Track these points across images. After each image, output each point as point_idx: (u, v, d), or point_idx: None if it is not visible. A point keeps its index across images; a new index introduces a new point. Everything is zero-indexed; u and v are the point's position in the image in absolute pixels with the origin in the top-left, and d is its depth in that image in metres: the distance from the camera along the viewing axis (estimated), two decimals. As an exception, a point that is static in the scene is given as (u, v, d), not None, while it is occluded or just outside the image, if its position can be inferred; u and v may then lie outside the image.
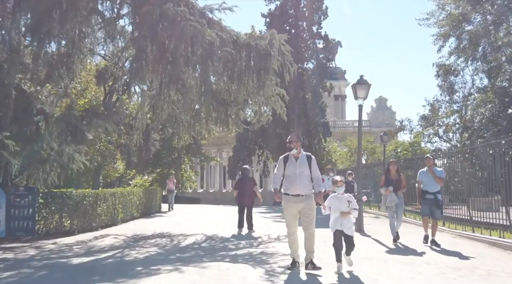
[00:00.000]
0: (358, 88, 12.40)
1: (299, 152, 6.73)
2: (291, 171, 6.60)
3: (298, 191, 6.56)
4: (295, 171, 6.58)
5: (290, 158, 6.72)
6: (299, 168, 6.60)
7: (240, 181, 12.60)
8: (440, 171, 9.76)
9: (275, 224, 14.64)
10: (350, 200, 6.78)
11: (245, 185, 12.18)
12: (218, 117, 12.73)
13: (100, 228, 12.86)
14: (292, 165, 6.65)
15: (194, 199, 44.95)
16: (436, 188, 9.47)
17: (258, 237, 11.20)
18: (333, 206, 6.73)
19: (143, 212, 17.51)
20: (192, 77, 11.80)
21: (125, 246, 9.69)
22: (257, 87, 12.47)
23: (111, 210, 13.76)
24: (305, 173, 6.60)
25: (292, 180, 6.58)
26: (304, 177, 6.60)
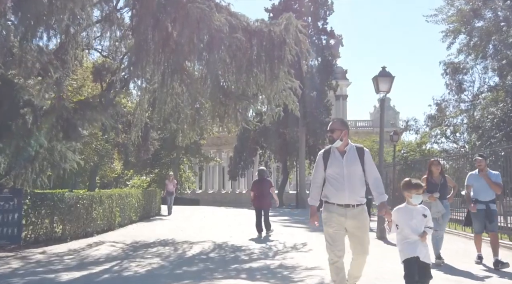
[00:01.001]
0: (380, 81, 11.26)
1: (345, 143, 4.76)
2: (335, 170, 4.70)
3: (347, 200, 4.65)
4: (342, 170, 4.67)
5: (333, 152, 4.76)
6: (347, 166, 4.67)
7: (257, 183, 11.96)
8: (495, 175, 7.78)
9: (286, 229, 13.48)
10: (425, 213, 4.59)
11: (262, 186, 11.67)
12: (225, 112, 11.54)
13: (96, 234, 11.65)
14: (337, 162, 4.71)
15: (193, 201, 43.71)
16: (489, 196, 7.60)
17: (271, 245, 10.03)
18: (402, 223, 4.58)
19: (142, 215, 16.31)
20: (198, 68, 10.64)
21: (123, 257, 8.50)
22: (270, 79, 11.34)
23: (107, 213, 12.56)
24: (357, 173, 4.70)
25: (337, 183, 4.68)
26: (356, 179, 4.70)
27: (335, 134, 4.76)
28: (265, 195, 11.57)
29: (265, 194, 11.57)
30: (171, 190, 19.72)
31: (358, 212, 4.72)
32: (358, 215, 4.73)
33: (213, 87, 10.79)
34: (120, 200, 13.70)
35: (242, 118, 11.84)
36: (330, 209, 4.75)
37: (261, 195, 11.56)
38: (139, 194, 16.07)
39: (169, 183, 19.93)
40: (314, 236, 11.64)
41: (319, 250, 9.37)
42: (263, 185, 11.70)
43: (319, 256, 8.59)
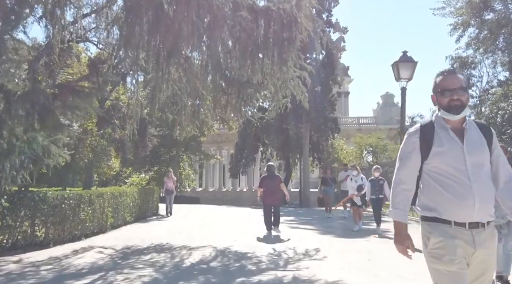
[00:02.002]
0: (401, 66, 10.01)
1: (462, 120, 2.71)
2: (449, 162, 2.65)
3: (475, 215, 2.59)
4: (463, 162, 2.62)
5: (442, 130, 2.71)
6: (471, 154, 2.64)
7: (266, 179, 11.42)
8: None
9: (293, 232, 12.20)
10: None
11: (271, 183, 11.24)
12: (228, 101, 10.27)
13: (84, 238, 10.39)
14: (452, 147, 2.66)
15: (193, 199, 42.49)
16: None
17: (281, 252, 8.78)
18: None
19: (138, 215, 15.03)
20: (197, 52, 9.38)
21: (110, 267, 7.24)
22: (278, 64, 10.08)
23: (98, 214, 11.30)
24: (485, 167, 2.68)
25: (456, 185, 2.61)
26: (485, 177, 2.66)
27: (464, 97, 2.67)
28: (274, 192, 11.19)
29: (274, 191, 11.19)
30: (171, 188, 17.82)
31: (489, 236, 2.67)
32: (489, 240, 2.66)
33: (214, 73, 9.55)
34: (112, 199, 12.44)
35: (246, 109, 10.57)
36: (447, 233, 2.62)
37: (270, 191, 11.15)
38: (134, 192, 14.80)
39: (168, 180, 18.15)
40: (326, 240, 10.42)
41: (335, 257, 8.13)
42: (272, 181, 11.27)
43: (337, 266, 7.36)
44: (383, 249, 9.11)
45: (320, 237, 11.14)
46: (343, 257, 8.15)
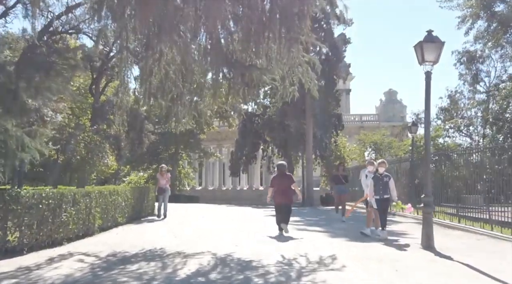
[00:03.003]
0: (425, 47, 8.69)
1: None
2: None
3: None
4: None
5: None
6: None
7: (277, 178, 10.91)
8: None
9: (302, 234, 10.89)
10: None
11: (282, 182, 10.71)
12: (230, 87, 8.96)
13: (66, 242, 9.08)
14: None
15: (193, 198, 41.18)
16: None
17: (291, 259, 7.48)
18: None
19: (131, 216, 13.70)
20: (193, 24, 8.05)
21: (87, 281, 5.95)
22: (286, 45, 8.79)
23: (83, 216, 9.99)
24: None
25: None
26: None
27: None
28: (286, 191, 10.66)
29: (286, 190, 10.66)
30: (164, 186, 15.26)
31: None
32: None
33: (214, 54, 8.23)
34: (101, 198, 11.13)
35: (252, 95, 9.27)
36: None
37: (282, 191, 10.64)
38: (127, 191, 13.46)
39: (161, 177, 15.45)
40: (339, 245, 9.15)
41: (355, 267, 6.82)
42: (283, 181, 10.73)
43: (361, 279, 6.08)
44: (407, 256, 7.83)
45: (332, 241, 9.85)
46: (364, 267, 6.86)
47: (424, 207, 8.82)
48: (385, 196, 9.80)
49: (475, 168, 13.26)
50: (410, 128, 22.23)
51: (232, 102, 9.54)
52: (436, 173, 16.13)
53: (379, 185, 9.79)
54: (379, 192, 9.79)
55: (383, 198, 9.82)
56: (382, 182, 9.78)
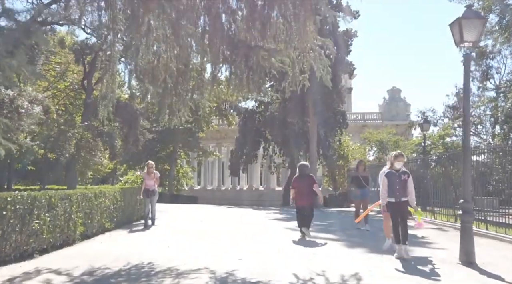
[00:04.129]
0: (465, 25, 7.24)
1: None
2: None
3: None
4: None
5: None
6: None
7: (299, 179, 10.38)
8: None
9: (315, 245, 9.45)
10: None
11: (304, 183, 10.19)
12: (231, 72, 7.51)
13: (38, 254, 7.66)
14: None
15: (191, 198, 39.80)
16: None
17: (307, 280, 6.04)
18: None
19: (121, 220, 12.26)
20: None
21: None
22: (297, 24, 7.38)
23: (62, 222, 8.55)
24: None
25: None
26: None
27: None
28: (308, 193, 10.18)
29: (308, 192, 10.17)
30: (152, 188, 12.51)
31: None
32: None
33: (212, 32, 6.79)
34: (84, 202, 9.70)
35: (256, 83, 7.81)
36: None
37: (303, 192, 10.17)
38: (116, 193, 12.00)
39: (148, 177, 12.58)
40: (360, 258, 7.70)
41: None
42: (305, 182, 10.21)
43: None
44: (449, 277, 6.36)
45: (350, 253, 8.40)
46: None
47: (462, 214, 7.37)
48: (403, 198, 7.48)
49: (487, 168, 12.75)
50: (422, 125, 20.78)
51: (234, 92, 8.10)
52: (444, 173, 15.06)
53: (395, 184, 7.44)
54: (395, 193, 7.44)
55: (400, 201, 7.48)
56: (399, 180, 7.43)
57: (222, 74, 7.73)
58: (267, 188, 46.76)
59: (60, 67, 27.51)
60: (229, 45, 7.16)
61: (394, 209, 7.56)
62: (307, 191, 10.16)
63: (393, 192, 7.48)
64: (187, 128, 38.12)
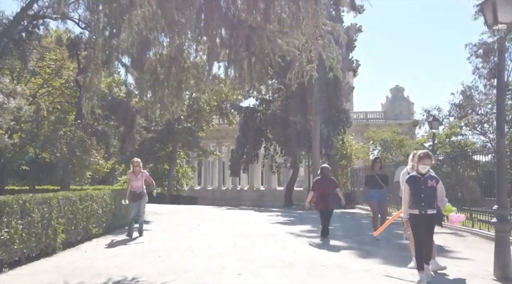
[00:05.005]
0: (499, 5, 6.20)
1: None
2: None
3: None
4: None
5: None
6: None
7: (320, 182, 9.95)
8: None
9: (322, 253, 8.37)
10: None
11: (326, 186, 9.83)
12: (231, 58, 6.46)
13: (8, 268, 6.62)
14: None
15: (191, 199, 38.72)
16: None
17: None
18: None
19: (111, 224, 11.20)
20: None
21: None
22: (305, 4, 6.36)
23: (39, 230, 7.51)
24: None
25: None
26: None
27: None
28: (329, 196, 9.87)
29: (329, 195, 9.87)
30: (139, 190, 10.32)
31: None
32: None
33: (208, 10, 5.75)
34: (67, 206, 8.66)
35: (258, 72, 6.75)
36: None
37: (325, 195, 9.80)
38: (106, 195, 10.93)
39: (134, 177, 10.36)
40: (378, 273, 6.63)
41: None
42: (327, 184, 9.84)
43: None
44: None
45: (364, 265, 7.29)
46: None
47: (497, 223, 6.31)
48: (430, 211, 5.79)
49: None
50: (431, 123, 19.70)
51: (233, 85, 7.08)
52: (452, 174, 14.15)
53: (420, 192, 5.77)
54: (419, 204, 5.77)
55: (426, 215, 5.78)
56: (425, 187, 5.80)
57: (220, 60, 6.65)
58: (268, 188, 45.72)
59: (55, 64, 26.48)
60: (228, 26, 6.11)
61: (417, 224, 5.88)
62: (329, 194, 9.88)
63: (417, 202, 5.82)
64: (186, 127, 37.14)
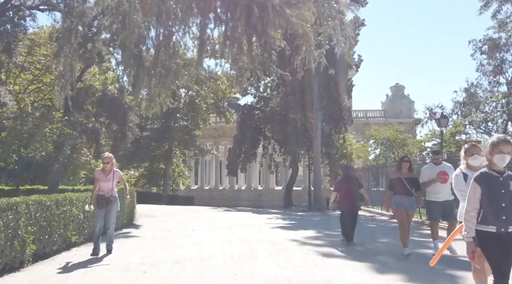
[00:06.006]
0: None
1: None
2: None
3: None
4: None
5: None
6: None
7: (344, 182, 9.70)
8: None
9: (333, 268, 7.19)
10: None
11: (350, 186, 9.50)
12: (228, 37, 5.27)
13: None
14: None
15: (187, 199, 37.58)
16: None
17: None
18: None
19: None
20: None
21: None
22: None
23: (1, 242, 6.32)
24: None
25: None
26: None
27: None
28: (353, 196, 9.48)
29: (353, 195, 9.48)
30: (108, 194, 8.09)
31: None
32: None
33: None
34: (39, 212, 7.46)
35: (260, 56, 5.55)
36: None
37: (349, 195, 9.39)
38: (88, 198, 9.69)
39: (103, 176, 8.14)
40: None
41: None
42: (351, 184, 9.52)
43: None
44: None
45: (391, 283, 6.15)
46: None
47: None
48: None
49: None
50: (439, 120, 18.55)
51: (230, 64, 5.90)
52: None
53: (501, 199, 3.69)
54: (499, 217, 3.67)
55: (507, 233, 3.71)
56: (506, 191, 3.72)
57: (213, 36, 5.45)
58: (266, 188, 44.55)
59: (46, 59, 25.21)
60: None
61: (493, 248, 3.74)
62: (353, 194, 9.48)
63: (496, 214, 3.71)
64: (183, 125, 36.00)
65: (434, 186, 7.88)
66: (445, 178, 7.72)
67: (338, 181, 10.42)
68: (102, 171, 8.22)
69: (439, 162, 8.19)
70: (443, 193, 7.84)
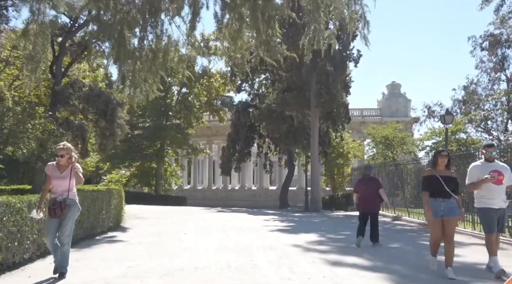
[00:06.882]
0: None
1: None
2: None
3: None
4: None
5: None
6: None
7: (363, 182, 9.45)
8: None
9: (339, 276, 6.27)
10: None
11: (369, 186, 9.24)
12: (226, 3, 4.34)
13: None
14: None
15: (180, 199, 36.55)
16: None
17: None
18: None
19: (78, 235, 9.02)
20: None
21: None
22: None
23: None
24: None
25: None
26: None
27: None
28: (373, 197, 9.22)
29: (373, 196, 9.21)
30: (63, 196, 6.02)
31: None
32: None
33: None
34: (9, 215, 6.46)
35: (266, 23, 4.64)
36: None
37: (368, 196, 9.18)
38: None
39: (57, 173, 6.07)
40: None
41: None
42: (370, 185, 9.31)
43: None
44: None
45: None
46: None
47: None
48: None
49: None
50: (444, 117, 17.71)
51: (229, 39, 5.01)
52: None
53: None
54: None
55: None
56: None
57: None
58: (260, 187, 43.62)
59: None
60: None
61: None
62: (372, 195, 9.20)
63: None
64: (175, 124, 35.01)
65: (486, 188, 6.12)
66: (499, 179, 6.06)
67: (358, 182, 10.13)
68: (55, 166, 6.11)
69: (492, 159, 6.28)
70: (498, 198, 6.15)
